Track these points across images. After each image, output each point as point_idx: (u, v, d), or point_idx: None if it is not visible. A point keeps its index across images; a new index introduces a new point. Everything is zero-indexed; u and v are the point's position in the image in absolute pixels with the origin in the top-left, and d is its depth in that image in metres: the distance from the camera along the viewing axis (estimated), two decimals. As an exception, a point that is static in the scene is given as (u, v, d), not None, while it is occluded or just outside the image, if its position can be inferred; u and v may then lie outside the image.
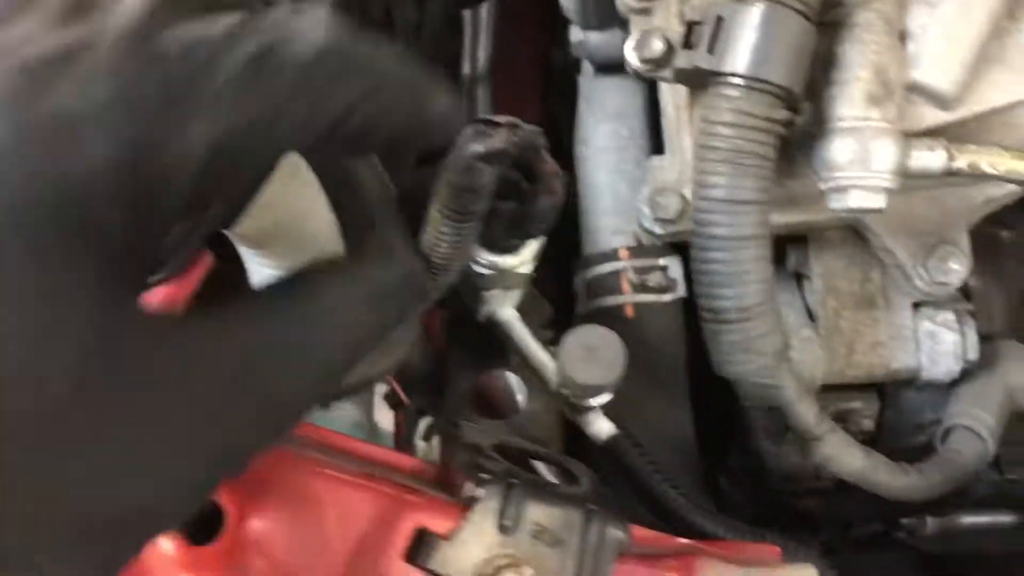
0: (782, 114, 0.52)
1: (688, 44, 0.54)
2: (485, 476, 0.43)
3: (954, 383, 0.70)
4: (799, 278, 0.71)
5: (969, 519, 0.80)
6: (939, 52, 0.55)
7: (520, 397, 0.61)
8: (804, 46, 0.52)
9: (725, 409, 0.72)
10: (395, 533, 0.41)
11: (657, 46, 0.58)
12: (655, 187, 0.64)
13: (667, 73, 0.57)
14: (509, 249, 0.52)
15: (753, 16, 0.51)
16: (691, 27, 0.54)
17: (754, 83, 0.51)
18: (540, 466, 0.54)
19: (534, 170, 0.47)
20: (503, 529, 0.41)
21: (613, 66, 0.75)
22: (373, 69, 0.30)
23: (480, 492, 0.42)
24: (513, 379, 0.61)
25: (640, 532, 0.48)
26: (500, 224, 0.49)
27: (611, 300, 0.73)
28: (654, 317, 0.73)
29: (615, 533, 0.43)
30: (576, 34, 0.79)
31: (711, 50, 0.52)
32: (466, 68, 0.91)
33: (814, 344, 0.68)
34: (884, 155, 0.53)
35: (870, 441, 0.76)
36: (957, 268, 0.62)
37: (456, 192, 0.43)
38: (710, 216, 0.53)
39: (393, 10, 0.66)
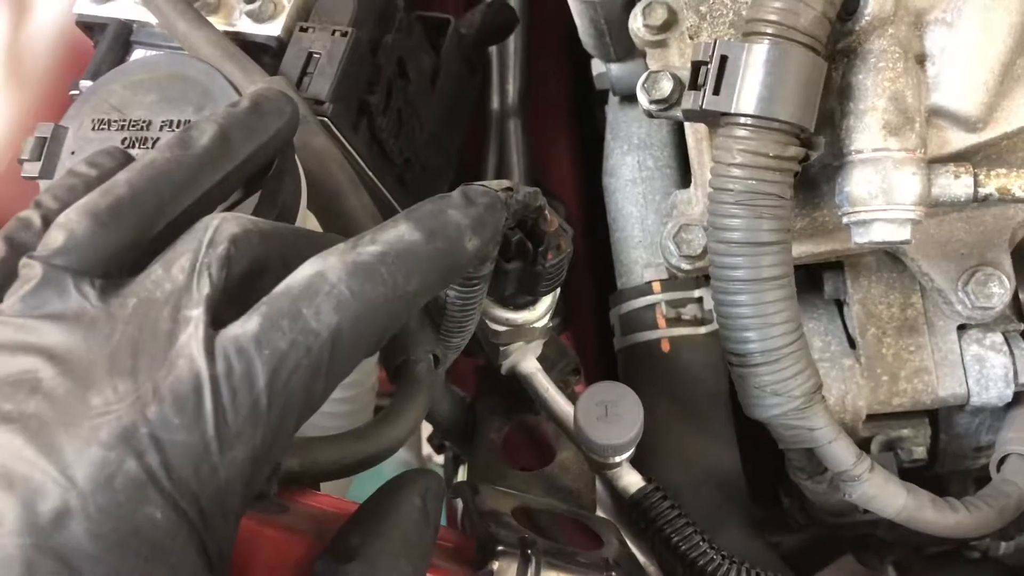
0: (795, 151, 0.51)
1: (694, 85, 0.52)
2: (500, 548, 0.43)
3: (1010, 404, 0.67)
4: (839, 304, 0.69)
5: (1051, 535, 0.76)
6: (960, 74, 0.53)
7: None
8: (813, 80, 0.51)
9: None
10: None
11: (666, 86, 0.57)
12: (680, 222, 0.62)
13: (678, 113, 0.56)
14: (523, 306, 0.52)
15: (757, 54, 0.50)
16: (696, 67, 0.52)
17: (762, 122, 0.50)
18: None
19: (537, 230, 0.46)
20: (519, 602, 0.41)
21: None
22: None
23: (495, 565, 0.42)
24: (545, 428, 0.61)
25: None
26: (509, 284, 0.49)
27: (646, 335, 0.72)
28: (691, 351, 0.71)
29: (636, 598, 0.42)
30: (598, 66, 0.79)
31: (716, 91, 0.51)
32: (495, 103, 0.91)
33: (856, 373, 0.66)
34: (906, 186, 0.51)
35: (924, 468, 0.73)
36: (999, 291, 0.59)
37: None
38: (728, 259, 0.52)
39: (407, 62, 0.66)
